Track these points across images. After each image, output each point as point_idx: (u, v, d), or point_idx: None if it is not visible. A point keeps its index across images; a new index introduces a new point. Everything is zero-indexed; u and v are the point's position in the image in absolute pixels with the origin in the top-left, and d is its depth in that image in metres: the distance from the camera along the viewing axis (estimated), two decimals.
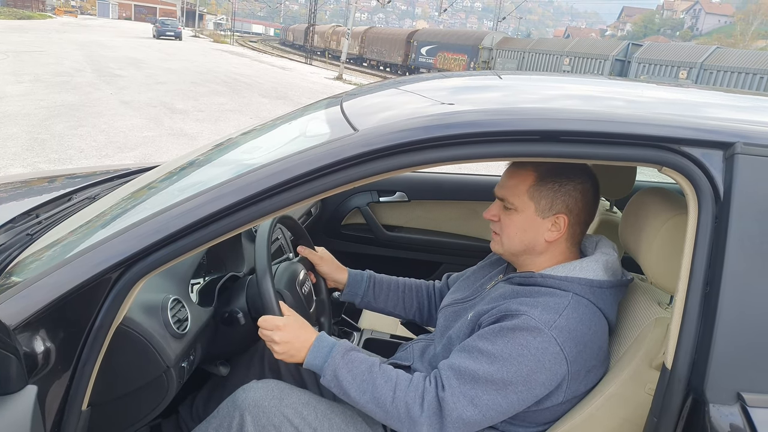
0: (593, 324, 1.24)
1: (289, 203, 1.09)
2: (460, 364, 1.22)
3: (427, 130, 1.07)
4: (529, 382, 1.18)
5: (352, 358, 1.27)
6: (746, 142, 1.04)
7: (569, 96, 1.45)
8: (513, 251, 1.36)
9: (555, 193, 1.29)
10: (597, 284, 1.27)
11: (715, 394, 1.00)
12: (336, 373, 1.25)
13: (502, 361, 1.18)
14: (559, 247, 1.34)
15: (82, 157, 6.37)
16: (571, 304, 1.23)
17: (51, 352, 1.02)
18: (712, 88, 2.10)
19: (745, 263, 1.01)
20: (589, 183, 1.32)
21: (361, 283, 1.71)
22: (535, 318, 1.19)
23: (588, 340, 1.22)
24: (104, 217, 1.37)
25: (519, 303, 1.24)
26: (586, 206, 1.32)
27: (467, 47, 29.90)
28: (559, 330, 1.19)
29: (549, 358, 1.18)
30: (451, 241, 2.72)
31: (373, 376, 1.24)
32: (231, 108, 11.13)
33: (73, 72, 14.01)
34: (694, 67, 20.15)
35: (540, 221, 1.31)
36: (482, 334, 1.24)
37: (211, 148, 1.62)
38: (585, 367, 1.23)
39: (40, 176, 2.33)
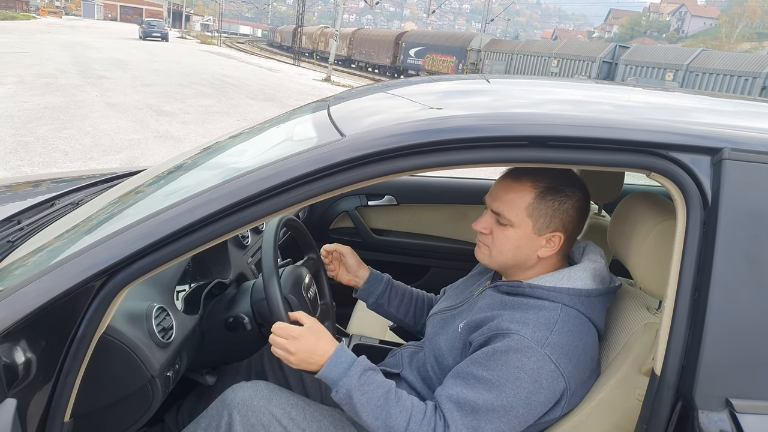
0: (584, 335, 1.23)
1: (277, 209, 1.08)
2: (459, 395, 1.19)
3: (416, 135, 1.06)
4: (529, 404, 1.16)
5: (368, 380, 1.22)
6: (734, 148, 1.04)
7: (558, 101, 1.45)
8: (502, 265, 1.35)
9: (554, 212, 1.27)
10: (586, 293, 1.26)
11: (704, 400, 1.00)
12: (350, 393, 1.21)
13: (500, 387, 1.16)
14: (549, 261, 1.33)
15: (67, 160, 6.30)
16: (561, 318, 1.21)
17: (32, 363, 0.99)
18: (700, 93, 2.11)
19: (733, 269, 1.01)
20: (584, 198, 1.31)
21: (379, 284, 1.68)
22: (527, 337, 1.17)
23: (581, 353, 1.21)
24: (88, 224, 1.35)
25: (509, 320, 1.21)
26: (579, 222, 1.32)
27: (455, 49, 29.99)
28: (552, 347, 1.17)
29: (546, 377, 1.16)
30: (440, 245, 2.71)
31: (389, 403, 1.21)
32: (218, 110, 11.06)
33: (58, 73, 13.86)
34: (680, 69, 20.35)
35: (536, 238, 1.29)
36: (476, 359, 1.21)
37: (198, 153, 1.60)
38: (581, 380, 1.22)
39: (22, 181, 2.29)
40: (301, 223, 1.69)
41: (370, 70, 36.65)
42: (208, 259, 1.67)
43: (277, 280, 1.33)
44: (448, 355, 1.33)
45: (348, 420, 1.39)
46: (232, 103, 12.34)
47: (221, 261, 1.71)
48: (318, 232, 2.71)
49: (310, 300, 1.52)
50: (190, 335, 1.39)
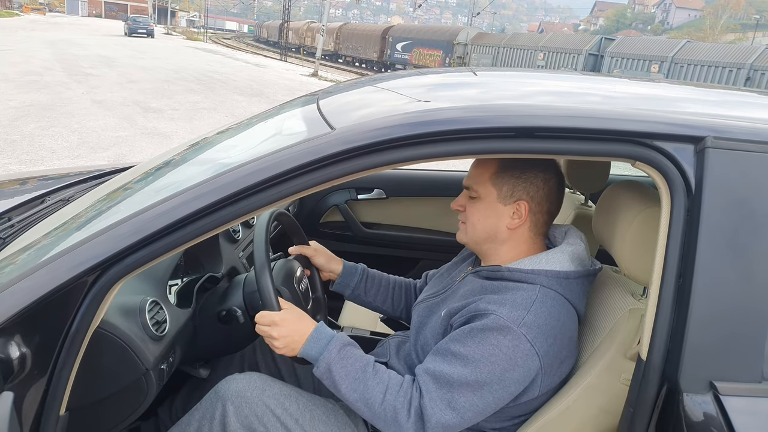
0: (562, 315, 1.26)
1: (267, 203, 1.09)
2: (435, 369, 1.23)
3: (404, 128, 1.08)
4: (503, 381, 1.19)
5: (347, 354, 1.26)
6: (716, 136, 1.07)
7: (544, 92, 1.47)
8: (476, 239, 1.38)
9: (516, 180, 1.31)
10: (564, 275, 1.29)
11: (688, 383, 1.03)
12: (330, 366, 1.25)
13: (475, 363, 1.19)
14: (522, 236, 1.36)
15: (55, 158, 6.25)
16: (538, 298, 1.24)
17: (27, 358, 1.00)
18: (684, 83, 2.14)
19: (717, 255, 1.04)
20: (552, 173, 1.34)
21: (354, 276, 1.71)
22: (503, 317, 1.20)
23: (558, 333, 1.24)
24: (79, 220, 1.35)
25: (487, 302, 1.25)
26: (548, 195, 1.34)
27: (442, 43, 30.00)
28: (528, 326, 1.20)
29: (521, 356, 1.19)
30: (429, 237, 2.73)
31: (366, 375, 1.24)
32: (206, 106, 11.01)
33: (43, 71, 13.71)
34: (666, 61, 20.50)
35: (502, 208, 1.33)
36: (454, 337, 1.25)
37: (187, 148, 1.60)
38: (557, 359, 1.25)
39: (11, 178, 2.28)
40: (292, 216, 1.70)
41: (357, 64, 36.57)
42: (199, 253, 1.67)
43: (269, 272, 1.34)
44: (431, 341, 1.36)
45: (341, 409, 1.41)
46: (219, 99, 12.28)
47: (213, 255, 1.72)
48: (308, 226, 2.72)
49: (302, 292, 1.53)
50: (183, 328, 1.39)
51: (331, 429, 1.36)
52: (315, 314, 1.64)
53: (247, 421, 1.32)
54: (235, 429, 1.32)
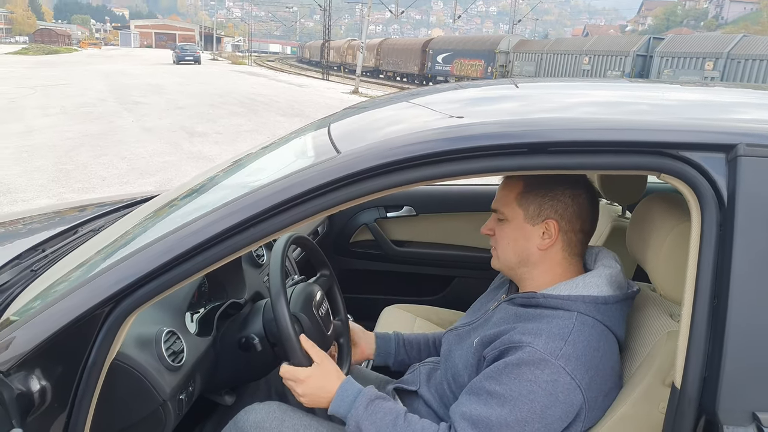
0: (602, 344, 1.17)
1: (280, 228, 1.07)
2: (472, 412, 1.16)
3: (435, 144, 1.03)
4: (544, 419, 1.11)
5: (376, 409, 1.23)
6: (749, 143, 0.98)
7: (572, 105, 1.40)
8: (509, 263, 1.31)
9: (542, 198, 1.25)
10: (602, 300, 1.21)
11: (728, 415, 0.94)
12: (359, 424, 1.21)
13: (513, 402, 1.12)
14: (555, 257, 1.28)
15: (105, 185, 6.50)
16: (576, 327, 1.16)
17: (47, 391, 1.01)
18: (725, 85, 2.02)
19: (754, 272, 0.95)
20: (581, 189, 1.27)
21: (389, 342, 1.67)
22: (539, 349, 1.12)
23: (599, 363, 1.15)
24: (101, 251, 1.37)
25: (521, 333, 1.17)
26: (579, 212, 1.26)
27: (483, 52, 29.80)
28: (567, 358, 1.12)
29: (561, 390, 1.11)
30: (462, 254, 2.67)
31: (397, 429, 1.20)
32: (248, 128, 11.26)
33: (97, 102, 14.37)
34: (721, 57, 19.62)
35: (530, 228, 1.26)
36: (488, 374, 1.18)
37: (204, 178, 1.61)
38: (601, 392, 1.16)
39: (54, 209, 2.35)
40: (310, 240, 1.68)
41: (399, 79, 36.75)
42: (222, 278, 1.67)
43: (284, 299, 1.32)
44: (463, 372, 1.30)
45: None
46: (261, 120, 12.55)
47: (236, 280, 1.71)
48: (338, 246, 2.70)
49: (321, 318, 1.50)
50: (203, 357, 1.39)
51: None
52: (338, 338, 1.60)
53: None
54: None
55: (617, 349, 1.22)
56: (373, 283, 2.71)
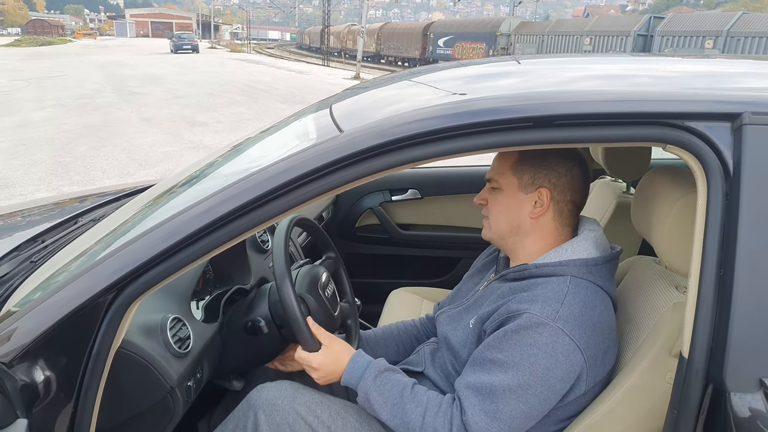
0: (597, 304, 1.20)
1: (281, 211, 1.06)
2: (475, 381, 1.18)
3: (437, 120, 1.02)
4: (547, 381, 1.13)
5: (384, 380, 1.27)
6: (755, 111, 0.97)
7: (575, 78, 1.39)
8: (500, 233, 1.33)
9: (537, 168, 1.27)
10: (592, 262, 1.24)
11: (735, 382, 0.94)
12: (367, 395, 1.26)
13: (515, 367, 1.14)
14: (547, 226, 1.30)
15: (105, 177, 6.49)
16: (570, 289, 1.18)
17: (51, 382, 1.00)
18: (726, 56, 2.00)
19: (760, 241, 0.94)
20: (575, 162, 1.29)
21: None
22: (537, 313, 1.15)
23: (596, 322, 1.18)
24: (102, 240, 1.36)
25: (518, 301, 1.19)
26: (571, 183, 1.28)
27: (484, 35, 29.56)
28: (564, 320, 1.14)
29: (561, 351, 1.13)
30: (468, 236, 2.66)
31: (404, 400, 1.23)
32: (249, 117, 11.22)
33: (94, 93, 14.30)
34: (721, 36, 19.47)
35: (523, 197, 1.29)
36: (489, 343, 1.20)
37: (204, 163, 1.60)
38: (600, 350, 1.18)
39: (53, 201, 2.35)
40: (313, 221, 1.67)
41: (400, 63, 36.51)
42: (227, 265, 1.67)
43: (289, 280, 1.31)
44: (462, 351, 1.32)
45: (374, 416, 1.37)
46: (263, 108, 12.50)
47: (241, 267, 1.71)
48: (344, 231, 2.70)
49: (327, 298, 1.50)
50: (210, 343, 1.38)
51: None
52: (345, 320, 1.60)
53: (279, 429, 1.32)
54: None
55: (612, 308, 1.25)
56: (379, 267, 2.71)
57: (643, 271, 1.39)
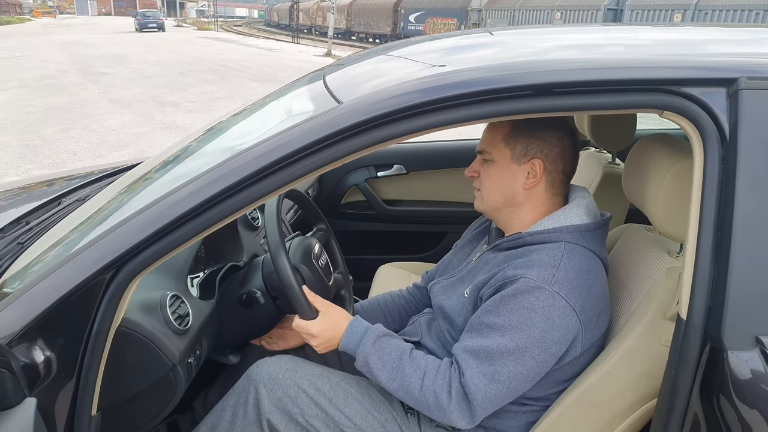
0: (591, 268, 1.23)
1: (278, 186, 1.05)
2: (473, 345, 1.20)
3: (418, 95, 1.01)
4: (544, 343, 1.16)
5: (382, 345, 1.27)
6: (750, 77, 0.99)
7: (562, 47, 1.39)
8: (493, 204, 1.34)
9: (529, 139, 1.28)
10: (585, 228, 1.27)
11: (732, 340, 0.97)
12: (366, 359, 1.26)
13: (513, 330, 1.16)
14: (539, 197, 1.32)
15: (76, 159, 6.33)
16: (565, 254, 1.21)
17: (52, 361, 0.99)
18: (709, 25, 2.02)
19: (756, 204, 0.97)
20: (565, 132, 1.30)
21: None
22: (533, 278, 1.17)
23: (590, 285, 1.21)
24: (93, 219, 1.34)
25: (514, 267, 1.22)
26: (562, 153, 1.30)
27: (456, 11, 29.36)
28: (560, 283, 1.17)
29: (557, 314, 1.16)
30: (454, 210, 2.68)
31: (403, 363, 1.24)
32: (221, 95, 11.02)
33: (58, 74, 13.86)
34: (689, 9, 19.68)
35: (516, 168, 1.30)
36: (486, 309, 1.22)
37: (196, 137, 1.57)
38: (594, 313, 1.22)
39: (30, 182, 2.29)
40: (303, 193, 1.66)
41: (371, 40, 36.10)
42: (220, 243, 1.65)
43: (284, 250, 1.31)
44: (457, 319, 1.33)
45: (374, 387, 1.39)
46: (234, 87, 12.29)
47: (233, 244, 1.69)
48: (330, 209, 2.69)
49: (322, 269, 1.50)
50: (208, 320, 1.38)
51: (365, 407, 1.34)
52: (339, 290, 1.61)
53: (280, 404, 1.32)
54: (269, 411, 1.32)
55: (604, 272, 1.28)
56: (366, 243, 2.71)
57: (634, 239, 1.42)
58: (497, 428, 1.31)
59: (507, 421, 1.30)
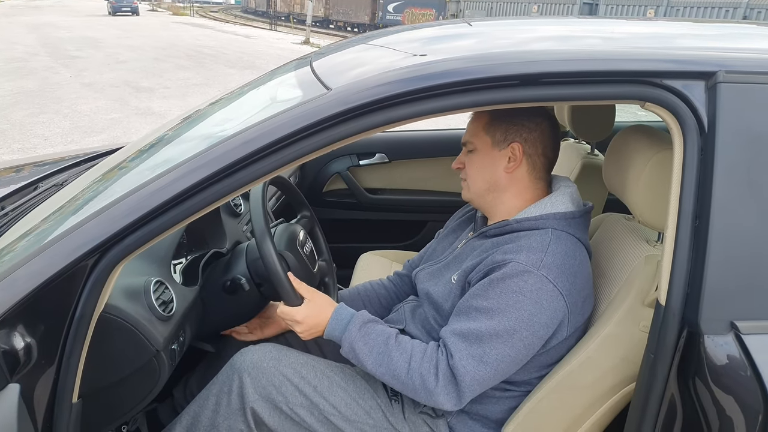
0: (577, 254, 1.26)
1: (265, 172, 1.04)
2: (462, 327, 1.22)
3: (404, 83, 1.02)
4: (531, 326, 1.19)
5: (368, 330, 1.28)
6: (728, 71, 1.02)
7: (544, 38, 1.41)
8: (478, 191, 1.38)
9: (508, 125, 1.32)
10: (570, 216, 1.30)
11: (709, 325, 1.01)
12: (353, 345, 1.26)
13: (501, 312, 1.18)
14: (522, 180, 1.35)
15: (48, 144, 6.19)
16: (552, 240, 1.24)
17: (32, 348, 0.98)
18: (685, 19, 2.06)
19: (733, 193, 1.00)
20: (542, 117, 1.34)
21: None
22: (522, 262, 1.20)
23: (577, 270, 1.24)
24: (74, 203, 1.31)
25: (503, 252, 1.24)
26: (542, 137, 1.33)
27: (434, 1, 29.30)
28: (548, 268, 1.20)
29: (545, 297, 1.19)
30: (435, 199, 2.69)
31: (389, 348, 1.25)
32: (197, 82, 10.86)
33: (28, 57, 13.48)
34: (661, 5, 19.99)
35: (497, 153, 1.33)
36: (474, 292, 1.24)
37: (179, 123, 1.56)
38: (580, 297, 1.25)
39: (2, 167, 2.24)
40: (288, 179, 1.65)
41: (349, 29, 35.86)
42: (202, 229, 1.64)
43: (269, 237, 1.30)
44: (444, 304, 1.35)
45: (358, 374, 1.40)
46: (210, 73, 12.10)
47: (216, 231, 1.68)
48: (311, 196, 2.68)
49: (306, 256, 1.50)
50: (192, 306, 1.37)
51: (350, 394, 1.35)
52: (323, 277, 1.61)
53: (265, 392, 1.32)
54: (253, 400, 1.32)
55: (588, 258, 1.32)
56: (348, 231, 2.72)
57: (613, 227, 1.45)
58: (480, 413, 1.33)
59: (490, 406, 1.32)
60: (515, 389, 1.31)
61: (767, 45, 1.31)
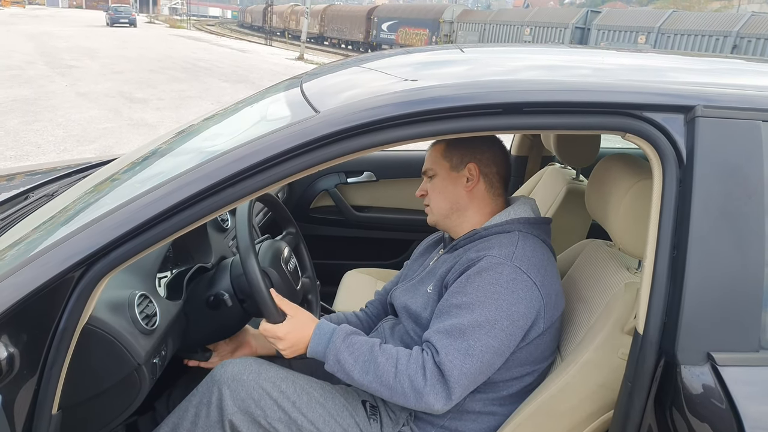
0: (545, 252, 1.35)
1: (253, 190, 1.06)
2: (445, 325, 1.25)
3: (391, 108, 1.05)
4: (511, 315, 1.23)
5: (352, 341, 1.29)
6: (706, 105, 1.05)
7: (532, 67, 1.44)
8: (442, 213, 1.45)
9: (463, 149, 1.41)
10: (533, 221, 1.39)
11: (686, 355, 1.02)
12: (338, 357, 1.27)
13: (481, 304, 1.23)
14: (482, 197, 1.43)
15: (40, 152, 6.17)
16: (520, 239, 1.32)
17: (15, 358, 0.98)
18: (671, 52, 2.11)
19: (710, 225, 1.03)
20: (492, 141, 1.44)
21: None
22: (495, 255, 1.27)
23: (546, 265, 1.32)
24: (64, 215, 1.32)
25: (476, 250, 1.31)
26: (494, 158, 1.43)
27: (428, 21, 29.64)
28: (520, 259, 1.27)
29: (521, 287, 1.24)
30: (421, 218, 2.69)
31: (374, 355, 1.26)
32: (191, 94, 10.88)
33: (25, 65, 13.48)
34: (653, 32, 20.34)
35: (456, 175, 1.42)
36: (452, 291, 1.29)
37: (171, 137, 1.57)
38: (553, 290, 1.31)
39: None
40: (275, 196, 1.67)
41: (343, 46, 36.15)
42: (188, 244, 1.65)
43: (254, 254, 1.31)
44: (423, 312, 1.38)
45: (337, 391, 1.41)
46: (204, 86, 12.14)
47: (202, 245, 1.69)
48: (299, 213, 2.70)
49: (290, 272, 1.51)
50: (175, 321, 1.37)
51: (328, 411, 1.36)
52: (306, 295, 1.62)
53: (244, 405, 1.32)
54: (232, 413, 1.32)
55: (554, 260, 1.40)
56: (334, 248, 2.73)
57: (594, 254, 1.47)
58: (459, 430, 1.34)
59: (469, 424, 1.33)
60: (495, 407, 1.33)
61: (748, 80, 1.34)
